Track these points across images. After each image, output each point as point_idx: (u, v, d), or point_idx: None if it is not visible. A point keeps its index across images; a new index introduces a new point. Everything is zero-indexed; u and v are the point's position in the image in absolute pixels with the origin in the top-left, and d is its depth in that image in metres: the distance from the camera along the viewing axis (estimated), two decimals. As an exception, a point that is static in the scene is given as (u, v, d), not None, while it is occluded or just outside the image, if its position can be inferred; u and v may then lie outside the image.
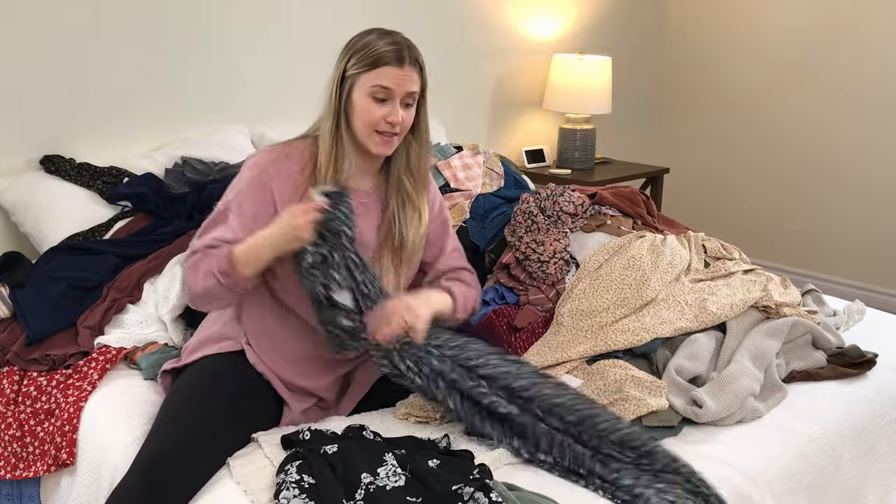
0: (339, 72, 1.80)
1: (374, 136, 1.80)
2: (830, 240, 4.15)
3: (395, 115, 1.78)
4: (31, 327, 2.16)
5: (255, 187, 1.81)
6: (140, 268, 2.34)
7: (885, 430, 1.97)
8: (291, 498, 1.47)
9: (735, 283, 2.28)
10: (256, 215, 1.79)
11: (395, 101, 1.78)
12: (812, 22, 4.04)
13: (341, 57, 1.82)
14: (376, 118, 1.78)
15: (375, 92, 1.77)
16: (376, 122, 1.78)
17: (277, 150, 1.86)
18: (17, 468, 1.96)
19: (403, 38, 1.82)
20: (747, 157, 4.39)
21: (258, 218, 1.78)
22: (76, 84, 2.71)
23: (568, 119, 3.96)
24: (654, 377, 1.93)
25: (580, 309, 2.17)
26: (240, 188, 1.83)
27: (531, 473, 1.64)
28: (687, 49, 4.54)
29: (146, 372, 2.05)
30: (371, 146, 1.82)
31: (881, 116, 3.90)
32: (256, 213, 1.79)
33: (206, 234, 1.81)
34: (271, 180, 1.81)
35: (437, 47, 3.68)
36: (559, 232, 2.39)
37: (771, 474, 1.71)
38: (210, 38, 2.98)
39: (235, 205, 1.81)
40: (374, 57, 1.76)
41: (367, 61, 1.77)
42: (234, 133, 2.97)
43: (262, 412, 1.81)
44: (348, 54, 1.80)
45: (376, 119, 1.78)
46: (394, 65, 1.77)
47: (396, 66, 1.77)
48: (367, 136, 1.81)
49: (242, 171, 1.86)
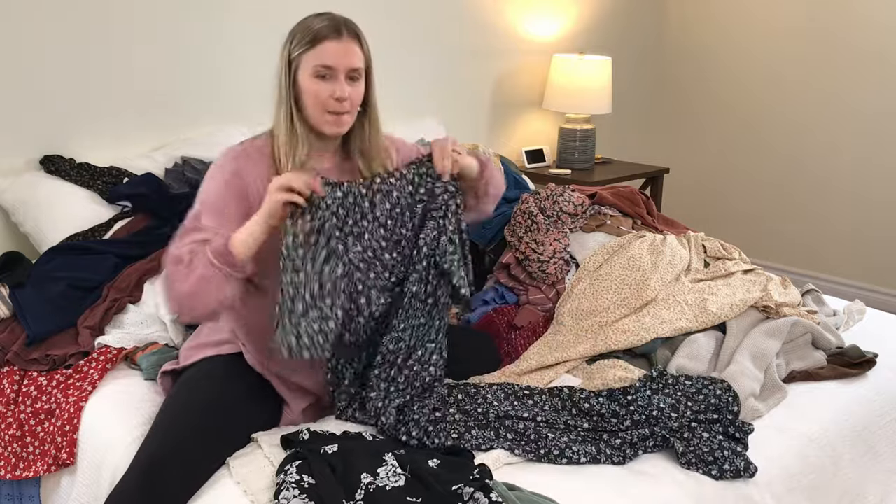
0: (285, 57, 1.81)
1: (326, 116, 1.80)
2: (830, 240, 4.15)
3: (342, 89, 1.78)
4: (31, 327, 2.16)
5: (225, 186, 1.79)
6: (140, 268, 2.34)
7: (885, 430, 1.97)
8: (291, 498, 1.47)
9: (735, 283, 2.28)
10: (236, 211, 1.77)
11: (338, 76, 1.79)
12: (812, 22, 4.04)
13: (285, 44, 1.83)
14: (323, 97, 1.78)
15: (318, 71, 1.78)
16: (324, 101, 1.79)
17: (238, 147, 1.86)
18: (17, 468, 1.96)
19: (340, 15, 1.84)
20: (747, 157, 4.39)
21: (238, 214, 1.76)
22: (76, 84, 2.71)
23: (568, 119, 3.96)
24: (654, 377, 1.94)
25: (580, 309, 2.17)
26: (207, 191, 1.80)
27: (531, 473, 1.64)
28: (687, 49, 4.54)
29: (146, 372, 2.05)
30: (324, 127, 1.82)
31: (880, 117, 3.90)
32: (235, 209, 1.77)
33: (175, 243, 1.75)
34: (241, 173, 1.80)
35: (437, 47, 3.69)
36: (559, 232, 2.39)
37: (771, 474, 1.71)
38: (210, 38, 2.98)
39: (210, 207, 1.77)
40: (311, 34, 1.78)
41: (306, 40, 1.78)
42: (234, 133, 2.96)
43: (261, 413, 1.81)
44: (290, 39, 1.82)
45: (324, 98, 1.78)
46: (332, 38, 1.78)
47: (335, 40, 1.78)
48: (319, 117, 1.81)
49: (208, 175, 1.84)
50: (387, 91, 2.07)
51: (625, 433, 1.74)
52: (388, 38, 3.12)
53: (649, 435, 1.72)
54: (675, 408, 1.79)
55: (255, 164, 1.82)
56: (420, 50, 3.58)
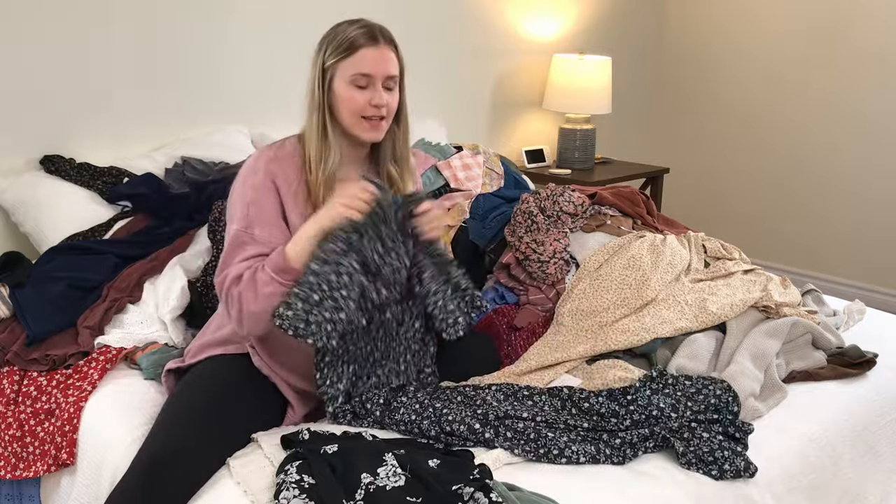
0: (319, 66, 1.81)
1: (363, 123, 1.81)
2: (830, 240, 4.15)
3: (379, 97, 1.79)
4: (31, 327, 2.16)
5: (265, 190, 1.80)
6: (140, 268, 2.34)
7: (885, 430, 1.97)
8: (291, 498, 1.47)
9: (735, 283, 2.28)
10: (277, 216, 1.79)
11: (376, 84, 1.80)
12: (812, 21, 4.04)
13: (318, 52, 1.83)
14: (361, 104, 1.79)
15: (356, 80, 1.79)
16: (362, 107, 1.79)
17: (269, 152, 1.87)
18: (17, 468, 1.96)
19: (374, 22, 1.84)
20: (747, 157, 4.39)
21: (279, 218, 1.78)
22: (76, 84, 2.71)
23: (568, 119, 3.96)
24: (654, 377, 1.94)
25: (580, 309, 2.17)
26: (251, 198, 1.80)
27: (531, 473, 1.64)
28: (687, 49, 4.54)
29: (146, 372, 2.05)
30: (360, 133, 1.83)
31: (880, 117, 3.90)
32: (276, 214, 1.80)
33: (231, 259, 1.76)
34: (275, 177, 1.82)
35: (437, 47, 3.69)
36: (559, 232, 2.39)
37: (771, 474, 1.71)
38: (210, 37, 2.98)
39: (258, 218, 1.77)
40: (348, 42, 1.78)
41: (343, 47, 1.78)
42: (234, 133, 2.97)
43: (263, 413, 1.81)
44: (324, 47, 1.82)
45: (361, 105, 1.79)
46: (369, 45, 1.78)
47: (372, 47, 1.79)
48: (355, 124, 1.82)
49: (242, 180, 1.84)
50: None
51: (624, 433, 1.73)
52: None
53: (649, 435, 1.72)
54: (674, 408, 1.79)
55: (286, 170, 1.83)
56: (420, 50, 3.57)
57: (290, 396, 1.85)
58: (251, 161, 1.86)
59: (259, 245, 1.76)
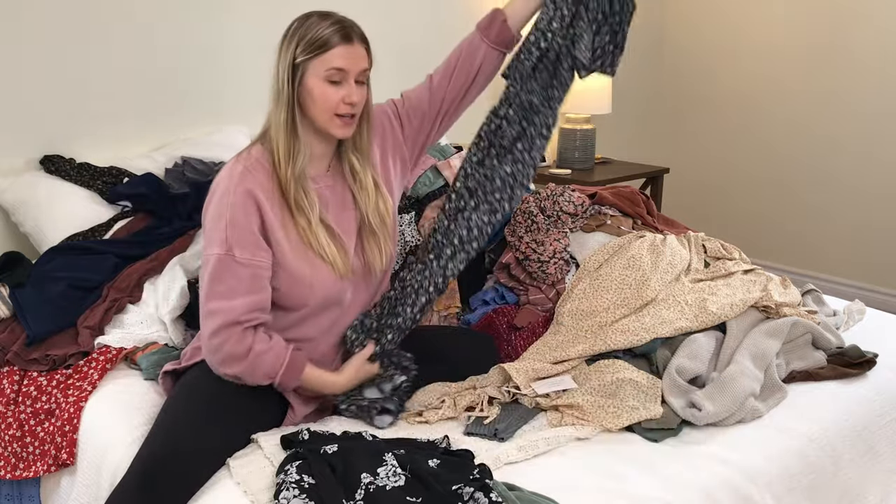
0: (289, 60, 1.77)
1: (335, 120, 1.79)
2: (830, 240, 4.15)
3: (353, 94, 1.78)
4: (31, 327, 2.16)
5: (244, 210, 1.75)
6: (140, 268, 2.34)
7: (885, 430, 1.97)
8: (291, 498, 1.47)
9: (735, 283, 2.28)
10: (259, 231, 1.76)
11: (349, 80, 1.78)
12: (811, 21, 4.04)
13: (286, 46, 1.79)
14: (335, 101, 1.77)
15: (331, 75, 1.76)
16: (335, 105, 1.77)
17: (238, 166, 1.79)
18: (17, 468, 1.96)
19: (342, 16, 1.81)
20: (747, 157, 4.39)
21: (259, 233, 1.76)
22: (76, 84, 2.71)
23: (568, 119, 3.96)
24: (654, 377, 1.93)
25: (580, 309, 2.17)
26: (231, 220, 1.74)
27: (531, 473, 1.64)
28: (687, 49, 4.54)
29: (146, 372, 2.05)
30: (333, 130, 1.80)
31: (880, 116, 3.90)
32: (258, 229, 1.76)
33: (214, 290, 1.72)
34: (254, 192, 1.76)
35: (437, 47, 3.68)
36: (559, 232, 2.39)
37: (771, 474, 1.71)
38: (210, 38, 2.97)
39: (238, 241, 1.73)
40: (322, 40, 1.75)
41: (316, 45, 1.75)
42: (234, 133, 2.96)
43: (263, 414, 1.81)
44: (293, 42, 1.77)
45: (335, 102, 1.77)
46: (344, 43, 1.76)
47: (346, 45, 1.76)
48: (328, 121, 1.79)
49: (218, 202, 1.76)
50: (387, 92, 2.07)
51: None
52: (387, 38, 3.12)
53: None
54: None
55: (261, 180, 1.78)
56: (420, 50, 3.58)
57: (291, 398, 1.85)
58: (224, 180, 1.78)
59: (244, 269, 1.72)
